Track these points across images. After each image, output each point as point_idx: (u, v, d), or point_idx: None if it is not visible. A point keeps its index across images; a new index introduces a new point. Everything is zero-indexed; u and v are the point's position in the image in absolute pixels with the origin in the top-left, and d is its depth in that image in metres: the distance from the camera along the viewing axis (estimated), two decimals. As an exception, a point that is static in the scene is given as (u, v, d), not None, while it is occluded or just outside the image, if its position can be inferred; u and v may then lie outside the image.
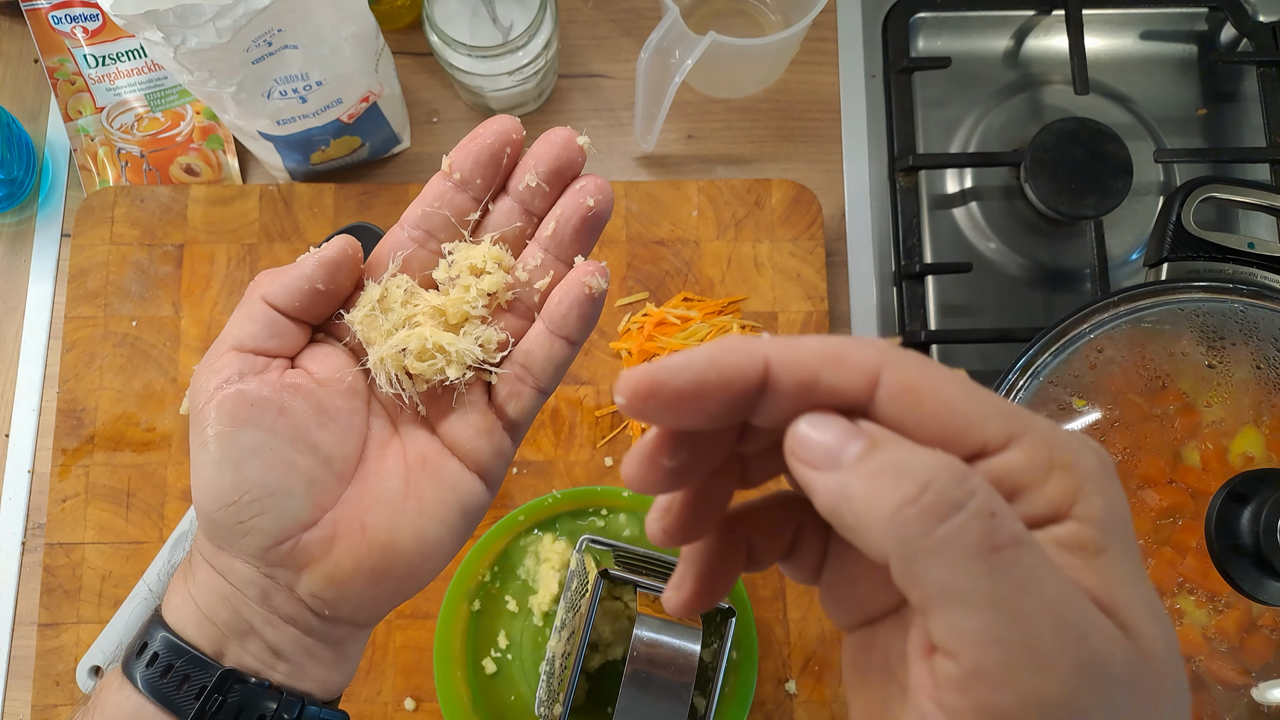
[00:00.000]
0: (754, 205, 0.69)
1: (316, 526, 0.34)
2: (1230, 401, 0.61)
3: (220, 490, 0.33)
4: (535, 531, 0.63)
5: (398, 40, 0.73)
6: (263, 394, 0.34)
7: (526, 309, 0.37)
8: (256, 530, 0.33)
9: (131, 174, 0.71)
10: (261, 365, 0.35)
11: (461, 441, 0.36)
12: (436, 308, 0.36)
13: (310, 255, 0.35)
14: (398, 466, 0.36)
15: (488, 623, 0.62)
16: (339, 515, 0.35)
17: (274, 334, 0.35)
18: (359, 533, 0.35)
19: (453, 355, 0.35)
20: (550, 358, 0.36)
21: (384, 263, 0.37)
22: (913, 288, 0.70)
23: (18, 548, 0.66)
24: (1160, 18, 0.76)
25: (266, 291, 0.35)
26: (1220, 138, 0.74)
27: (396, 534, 0.35)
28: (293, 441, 0.34)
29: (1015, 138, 0.73)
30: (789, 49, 0.71)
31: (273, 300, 0.35)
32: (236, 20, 0.51)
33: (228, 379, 0.34)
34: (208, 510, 0.34)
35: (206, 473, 0.33)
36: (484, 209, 0.37)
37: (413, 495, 0.35)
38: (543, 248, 0.36)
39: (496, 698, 0.61)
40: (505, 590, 0.62)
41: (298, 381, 0.35)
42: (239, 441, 0.33)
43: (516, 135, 0.36)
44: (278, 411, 0.34)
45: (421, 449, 0.36)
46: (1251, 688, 0.56)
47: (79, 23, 0.70)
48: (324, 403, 0.35)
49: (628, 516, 0.63)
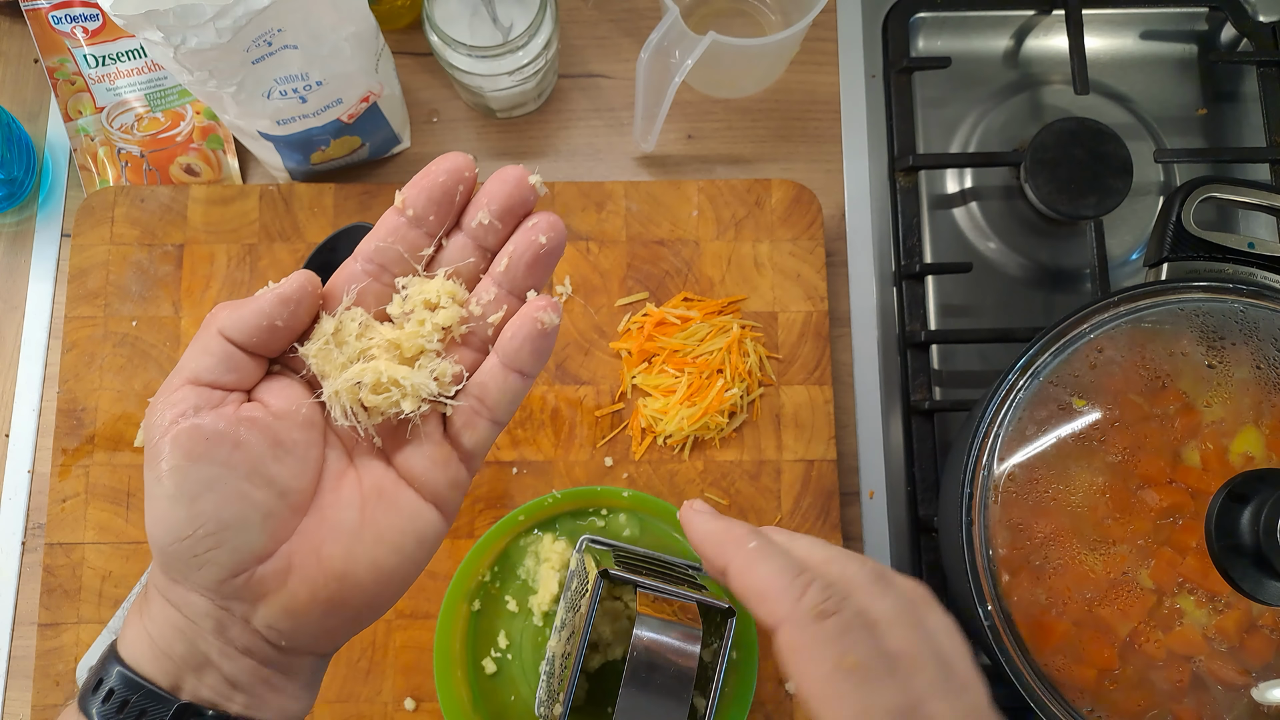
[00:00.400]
0: (754, 205, 0.69)
1: (272, 559, 0.35)
2: (1230, 401, 0.61)
3: (175, 524, 0.33)
4: (535, 531, 0.63)
5: (398, 40, 0.73)
6: (219, 428, 0.34)
7: (481, 342, 0.38)
8: (212, 563, 0.34)
9: (131, 174, 0.71)
10: (218, 399, 0.35)
11: (417, 472, 0.37)
12: (391, 341, 0.36)
13: (269, 291, 0.36)
14: (353, 497, 0.36)
15: (488, 623, 0.62)
16: (295, 547, 0.35)
17: (230, 368, 0.35)
18: (315, 564, 0.35)
19: (408, 389, 0.36)
20: (504, 390, 0.37)
21: (339, 296, 0.37)
22: (913, 288, 0.70)
23: (18, 548, 0.66)
24: (1160, 17, 0.76)
25: (224, 326, 0.35)
26: (1220, 138, 0.74)
27: (353, 564, 0.35)
28: (249, 475, 0.34)
29: (1015, 138, 0.73)
30: (789, 49, 0.71)
31: (230, 335, 0.35)
32: (236, 20, 0.51)
33: (184, 413, 0.34)
34: (162, 544, 0.34)
35: (161, 507, 0.34)
36: (437, 244, 0.37)
37: (369, 525, 0.36)
38: (496, 283, 0.37)
39: (496, 698, 0.61)
40: (505, 590, 0.62)
41: (254, 415, 0.35)
42: (194, 476, 0.33)
43: (469, 173, 0.37)
44: (233, 445, 0.34)
45: (377, 479, 0.37)
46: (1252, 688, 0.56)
47: (79, 23, 0.70)
48: (280, 435, 0.36)
49: (628, 516, 0.63)
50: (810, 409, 0.67)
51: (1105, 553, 0.58)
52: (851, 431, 0.69)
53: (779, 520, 0.65)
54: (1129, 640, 0.57)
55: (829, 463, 0.66)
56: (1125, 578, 0.58)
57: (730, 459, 0.66)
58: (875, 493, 0.68)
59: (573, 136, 0.73)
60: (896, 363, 0.70)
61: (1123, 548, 0.59)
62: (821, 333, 0.68)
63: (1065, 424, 0.61)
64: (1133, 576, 0.58)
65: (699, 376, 0.65)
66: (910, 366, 0.69)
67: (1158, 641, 0.57)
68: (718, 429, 0.65)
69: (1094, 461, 0.60)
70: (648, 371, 0.66)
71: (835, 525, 0.65)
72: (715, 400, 0.64)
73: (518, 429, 0.66)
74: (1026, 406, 0.62)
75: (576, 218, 0.69)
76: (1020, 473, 0.60)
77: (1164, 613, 0.58)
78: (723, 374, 0.65)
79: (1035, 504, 0.59)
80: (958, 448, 0.57)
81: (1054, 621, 0.57)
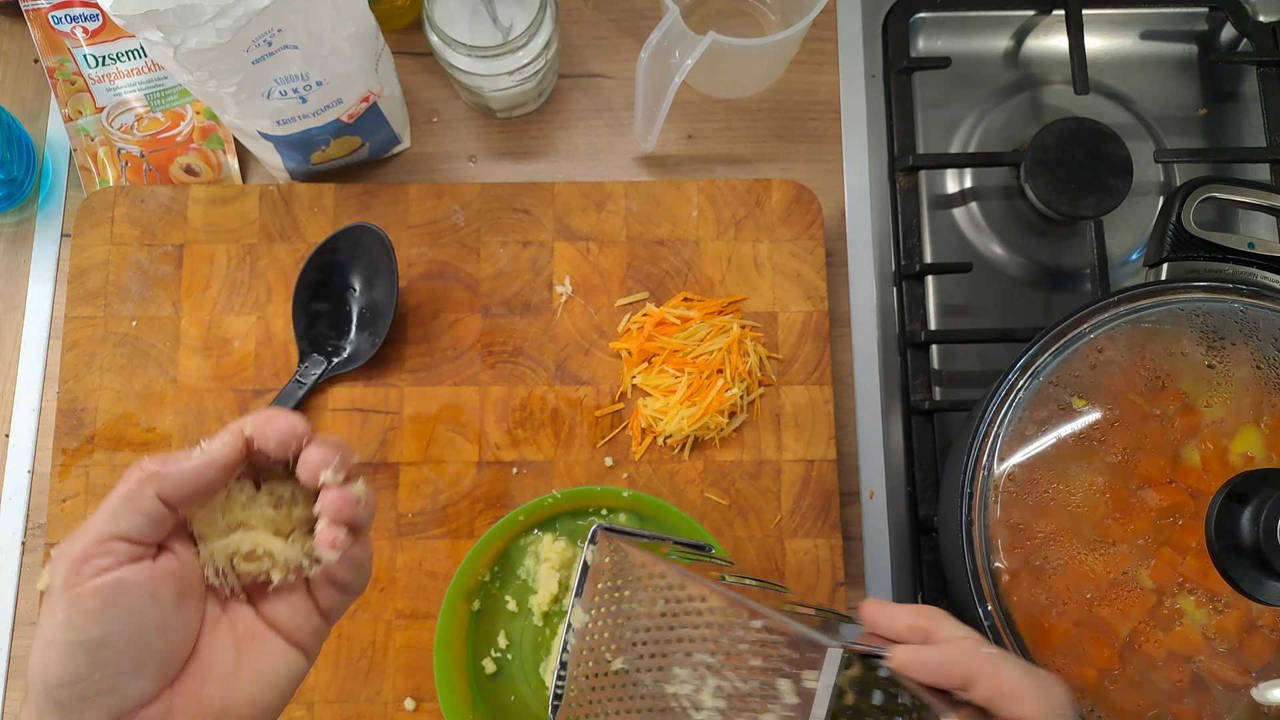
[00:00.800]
0: (754, 205, 0.69)
1: (156, 702, 0.36)
2: (1230, 401, 0.61)
3: (72, 670, 0.34)
4: (535, 531, 0.63)
5: (398, 40, 0.73)
6: (140, 582, 0.36)
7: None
8: (98, 707, 0.35)
9: (131, 174, 0.71)
10: (140, 553, 0.36)
11: (282, 621, 0.40)
12: (270, 518, 0.40)
13: (210, 455, 0.37)
14: (229, 640, 0.39)
15: (488, 623, 0.62)
16: (177, 689, 0.37)
17: (158, 527, 0.37)
18: (195, 704, 0.37)
19: (279, 561, 0.39)
20: (348, 566, 0.40)
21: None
22: (913, 288, 0.70)
23: (18, 548, 0.66)
24: (1160, 18, 0.76)
25: (162, 488, 0.37)
26: (1220, 138, 0.74)
27: (231, 701, 0.38)
28: (157, 627, 0.36)
29: (1015, 138, 0.73)
30: (789, 49, 0.71)
31: (167, 496, 0.37)
32: (236, 20, 0.51)
33: (108, 566, 0.35)
34: (51, 685, 0.34)
35: (60, 652, 0.34)
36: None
37: (244, 666, 0.39)
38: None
39: (496, 698, 0.61)
40: (505, 590, 0.62)
41: (169, 568, 0.37)
42: (108, 627, 0.35)
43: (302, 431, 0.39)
44: (150, 598, 0.36)
45: (249, 624, 0.40)
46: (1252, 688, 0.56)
47: (79, 23, 0.70)
48: (185, 586, 0.38)
49: (628, 517, 0.63)
50: (810, 409, 0.67)
51: (1105, 553, 0.58)
52: (851, 431, 0.69)
53: (779, 520, 0.65)
54: (1129, 640, 0.57)
55: (829, 463, 0.66)
56: (1125, 578, 0.58)
57: (730, 459, 0.66)
58: (875, 493, 0.68)
59: (573, 136, 0.73)
60: (896, 363, 0.70)
61: (1123, 548, 0.59)
62: (821, 333, 0.68)
63: (1065, 424, 0.61)
64: (1133, 577, 0.58)
65: (699, 376, 0.65)
66: (910, 366, 0.69)
67: (1158, 642, 0.57)
68: (718, 429, 0.65)
69: (1094, 461, 0.60)
70: (648, 371, 0.66)
71: (835, 525, 0.65)
72: (715, 400, 0.64)
73: (518, 429, 0.66)
74: (1026, 406, 0.62)
75: (576, 218, 0.69)
76: (1020, 473, 0.60)
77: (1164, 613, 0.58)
78: (723, 374, 0.65)
79: (1035, 504, 0.59)
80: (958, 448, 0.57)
81: (1054, 621, 0.57)
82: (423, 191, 0.69)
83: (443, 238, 0.69)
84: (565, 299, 0.68)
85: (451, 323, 0.68)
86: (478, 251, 0.69)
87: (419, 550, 0.64)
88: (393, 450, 0.66)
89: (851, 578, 0.66)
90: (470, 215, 0.69)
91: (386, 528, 0.65)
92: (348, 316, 0.67)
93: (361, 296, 0.67)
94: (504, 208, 0.69)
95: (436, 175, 0.72)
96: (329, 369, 0.66)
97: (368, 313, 0.67)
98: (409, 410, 0.66)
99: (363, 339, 0.67)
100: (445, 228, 0.69)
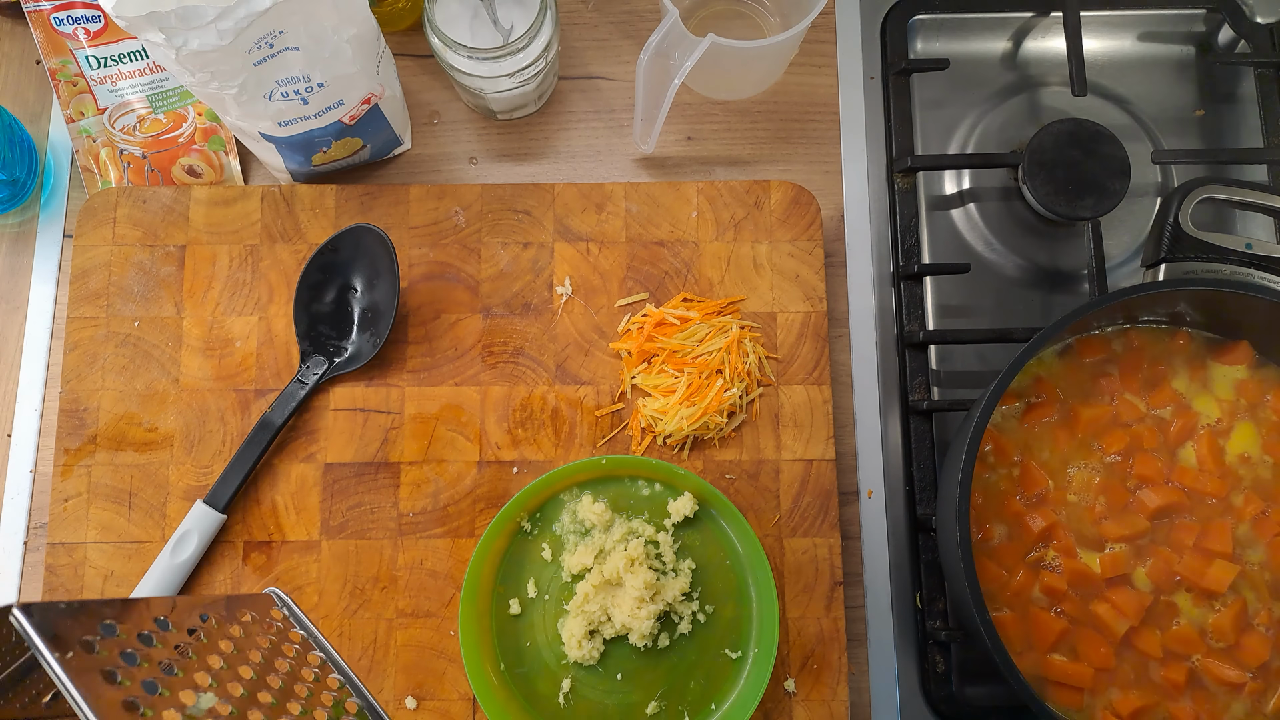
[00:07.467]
0: (753, 206, 0.70)
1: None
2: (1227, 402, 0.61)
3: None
4: (576, 490, 0.64)
5: (399, 42, 0.74)
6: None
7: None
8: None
9: (133, 175, 0.71)
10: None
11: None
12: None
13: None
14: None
15: (518, 568, 0.64)
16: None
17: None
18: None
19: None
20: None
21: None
22: (911, 288, 0.70)
23: (20, 547, 0.66)
24: (1158, 19, 0.76)
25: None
26: (1218, 139, 0.74)
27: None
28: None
29: (1013, 139, 0.74)
30: (788, 51, 0.72)
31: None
32: (238, 22, 0.51)
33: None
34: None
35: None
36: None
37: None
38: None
39: (515, 639, 0.63)
40: (542, 539, 0.64)
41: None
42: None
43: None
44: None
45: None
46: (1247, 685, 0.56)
47: (81, 24, 0.71)
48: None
49: (663, 488, 0.64)
50: (809, 409, 0.67)
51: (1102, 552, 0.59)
52: (850, 431, 0.69)
53: (777, 519, 0.65)
54: (1126, 639, 0.57)
55: (828, 462, 0.66)
56: (1122, 577, 0.58)
57: (729, 458, 0.66)
58: (874, 492, 0.68)
59: (573, 138, 0.73)
60: (895, 363, 0.70)
61: (1120, 547, 0.59)
62: (820, 333, 0.68)
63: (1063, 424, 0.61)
64: (1129, 575, 0.58)
65: (698, 376, 0.65)
66: (908, 366, 0.69)
67: (1155, 640, 0.57)
68: (717, 429, 0.66)
69: (1091, 461, 0.60)
70: (647, 371, 0.67)
71: (834, 524, 0.65)
72: (714, 400, 0.65)
73: (518, 429, 0.66)
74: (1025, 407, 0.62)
75: (576, 219, 0.69)
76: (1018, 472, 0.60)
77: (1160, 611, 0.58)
78: (722, 374, 0.65)
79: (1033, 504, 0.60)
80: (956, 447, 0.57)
81: (1052, 620, 0.57)
82: (424, 193, 0.70)
83: (444, 239, 0.69)
84: (565, 299, 0.68)
85: (452, 323, 0.68)
86: (478, 252, 0.69)
87: (420, 549, 0.65)
88: (394, 450, 0.66)
89: (850, 577, 0.67)
90: (471, 216, 0.69)
91: (388, 527, 0.65)
92: (349, 317, 0.68)
93: (363, 297, 0.67)
94: (504, 209, 0.69)
95: (437, 176, 0.72)
96: (331, 369, 0.66)
97: (369, 313, 0.67)
98: (410, 410, 0.67)
99: (364, 339, 0.67)
100: (446, 229, 0.69)
